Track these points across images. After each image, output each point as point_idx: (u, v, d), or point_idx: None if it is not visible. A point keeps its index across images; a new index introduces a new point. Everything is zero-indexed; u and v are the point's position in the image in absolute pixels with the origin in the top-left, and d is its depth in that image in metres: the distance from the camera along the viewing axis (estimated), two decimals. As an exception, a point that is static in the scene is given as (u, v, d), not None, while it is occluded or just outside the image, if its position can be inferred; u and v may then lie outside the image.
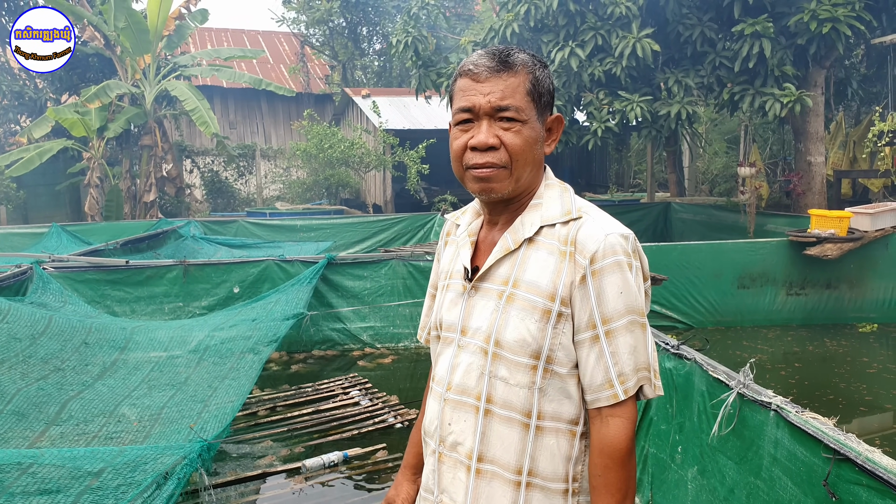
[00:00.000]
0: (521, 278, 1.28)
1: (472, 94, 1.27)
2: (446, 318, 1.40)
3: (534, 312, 1.26)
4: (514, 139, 1.26)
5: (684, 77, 9.30)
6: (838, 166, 11.75)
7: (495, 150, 1.26)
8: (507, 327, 1.27)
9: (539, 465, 1.27)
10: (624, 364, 1.24)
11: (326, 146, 14.30)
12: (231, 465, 4.09)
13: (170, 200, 14.64)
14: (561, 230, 1.29)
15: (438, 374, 1.40)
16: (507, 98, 1.25)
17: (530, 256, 1.30)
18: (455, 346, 1.36)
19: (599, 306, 1.23)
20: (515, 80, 1.27)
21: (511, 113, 1.26)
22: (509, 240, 1.32)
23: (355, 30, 20.35)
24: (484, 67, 1.27)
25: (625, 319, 1.24)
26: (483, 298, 1.33)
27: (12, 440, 3.00)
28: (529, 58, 1.30)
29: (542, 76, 1.30)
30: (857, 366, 6.19)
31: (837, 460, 2.08)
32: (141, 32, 12.80)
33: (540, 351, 1.25)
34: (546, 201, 1.34)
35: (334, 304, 6.59)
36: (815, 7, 8.33)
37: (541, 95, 1.30)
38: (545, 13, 9.45)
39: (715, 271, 7.37)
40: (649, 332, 1.29)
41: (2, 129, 15.33)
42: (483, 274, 1.34)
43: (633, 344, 1.25)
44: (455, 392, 1.33)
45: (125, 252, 7.89)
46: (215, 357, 4.46)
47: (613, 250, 1.24)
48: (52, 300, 5.13)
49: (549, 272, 1.26)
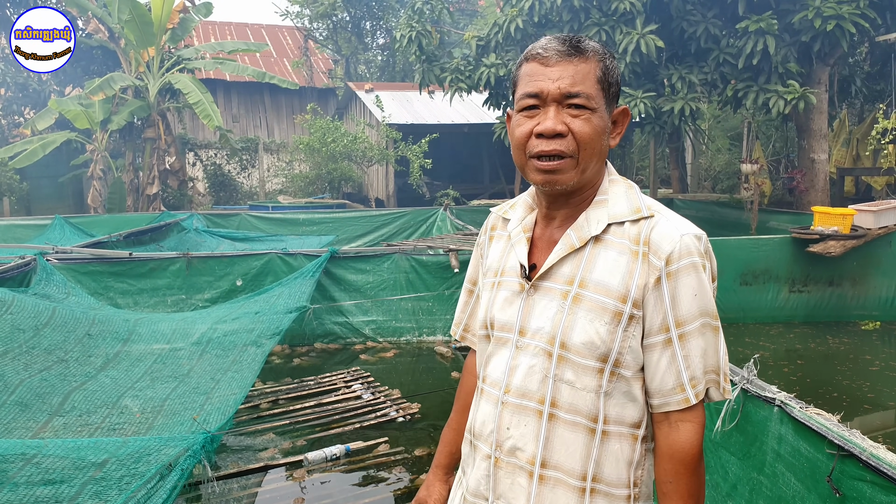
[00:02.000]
0: (589, 278, 1.23)
1: (540, 79, 1.21)
2: (500, 317, 1.33)
3: (604, 314, 1.21)
4: (584, 127, 1.21)
5: (688, 73, 9.27)
6: (841, 164, 11.72)
7: (563, 137, 1.21)
8: (574, 329, 1.22)
9: (604, 470, 1.24)
10: (695, 368, 1.21)
11: (329, 140, 14.29)
12: (233, 457, 4.10)
13: (172, 193, 14.64)
14: (631, 229, 1.24)
15: (493, 376, 1.33)
16: (578, 84, 1.20)
17: (598, 255, 1.24)
18: (512, 347, 1.30)
19: (674, 309, 1.20)
20: (586, 67, 1.22)
21: (581, 100, 1.20)
22: (573, 237, 1.26)
23: (359, 24, 20.31)
24: (554, 51, 1.22)
25: (698, 322, 1.20)
26: (544, 298, 1.27)
27: (16, 430, 3.01)
28: (600, 46, 1.26)
29: (612, 65, 1.26)
30: (860, 363, 6.18)
31: (841, 456, 2.08)
32: (145, 25, 12.78)
33: (608, 354, 1.21)
34: (612, 197, 1.28)
35: (337, 298, 6.59)
36: (819, 4, 8.29)
37: (610, 85, 1.25)
38: (549, 8, 9.42)
39: (718, 268, 7.31)
40: (721, 335, 1.25)
41: (6, 120, 15.33)
42: (544, 272, 1.28)
43: (705, 347, 1.21)
44: (515, 395, 1.27)
45: (128, 244, 7.90)
46: (218, 349, 4.46)
47: (689, 251, 1.20)
48: (56, 291, 5.14)
49: (621, 273, 1.21)
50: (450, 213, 10.88)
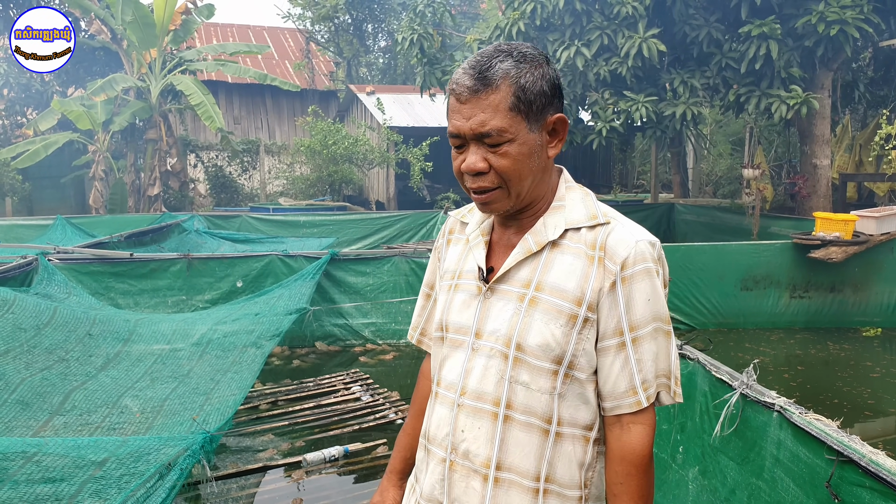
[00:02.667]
0: (545, 281, 1.25)
1: (457, 119, 1.21)
2: (456, 320, 1.34)
3: (559, 317, 1.22)
4: (501, 161, 1.21)
5: (690, 78, 9.28)
6: (844, 169, 11.72)
7: (485, 173, 1.22)
8: (530, 331, 1.23)
9: (557, 471, 1.25)
10: (647, 371, 1.23)
11: (330, 142, 14.31)
12: (232, 457, 4.10)
13: (174, 194, 14.66)
14: (588, 234, 1.26)
15: (448, 379, 1.34)
16: (487, 123, 1.18)
17: (555, 259, 1.26)
18: (468, 350, 1.31)
19: (628, 313, 1.22)
20: (496, 98, 1.18)
21: (493, 138, 1.19)
22: (531, 241, 1.28)
23: (360, 27, 20.35)
24: (464, 88, 1.20)
25: (650, 327, 1.23)
26: (501, 300, 1.28)
27: (16, 429, 3.02)
28: (513, 65, 1.19)
29: (529, 82, 1.20)
30: (861, 370, 6.17)
31: (841, 462, 2.07)
32: (147, 27, 12.82)
33: (563, 356, 1.23)
34: (569, 204, 1.31)
35: (336, 300, 6.60)
36: (822, 9, 8.30)
37: (530, 104, 1.21)
38: (551, 12, 9.43)
39: (718, 273, 7.36)
40: (673, 340, 1.28)
41: (8, 121, 15.37)
42: (502, 275, 1.29)
43: (657, 351, 1.24)
44: (471, 398, 1.28)
45: (129, 245, 7.91)
46: (218, 350, 4.47)
47: (643, 257, 1.22)
48: (57, 291, 5.15)
49: (577, 277, 1.23)
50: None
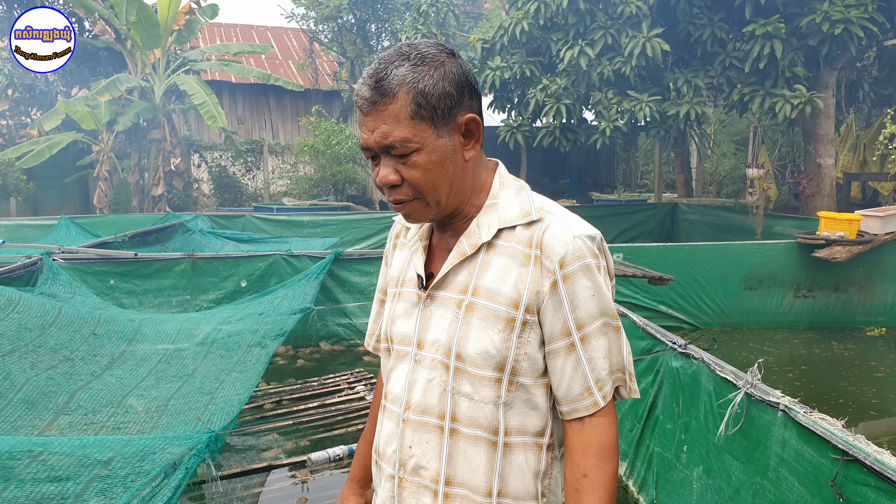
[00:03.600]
0: (481, 285, 1.19)
1: (364, 132, 1.16)
2: (399, 330, 1.28)
3: (496, 322, 1.17)
4: (411, 172, 1.15)
5: (694, 77, 9.26)
6: (848, 169, 11.69)
7: (398, 185, 1.16)
8: (468, 339, 1.18)
9: (509, 484, 1.20)
10: (600, 369, 1.18)
11: (334, 142, 14.32)
12: (236, 457, 4.12)
13: (177, 194, 14.69)
14: (523, 232, 1.19)
15: (393, 392, 1.28)
16: (389, 135, 1.13)
17: (490, 262, 1.20)
18: (411, 361, 1.25)
19: (573, 312, 1.16)
20: (395, 107, 1.12)
21: (397, 149, 1.13)
22: (465, 244, 1.22)
23: (364, 27, 20.36)
24: (363, 100, 1.14)
25: (598, 322, 1.17)
26: (440, 308, 1.22)
27: (22, 428, 3.03)
28: (410, 69, 1.12)
29: (429, 85, 1.13)
30: (865, 370, 6.16)
31: (846, 461, 2.07)
32: (151, 27, 12.85)
33: (504, 363, 1.17)
34: (502, 201, 1.23)
35: (341, 300, 6.61)
36: (827, 8, 8.28)
37: (433, 108, 1.13)
38: (555, 11, 9.43)
39: (722, 272, 7.35)
40: (623, 334, 1.22)
41: (13, 121, 15.42)
42: (439, 281, 1.23)
43: (608, 347, 1.19)
44: (415, 412, 1.23)
45: (133, 245, 7.93)
46: (222, 350, 4.48)
47: (581, 253, 1.16)
48: (62, 291, 5.16)
49: (513, 278, 1.17)
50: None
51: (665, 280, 6.32)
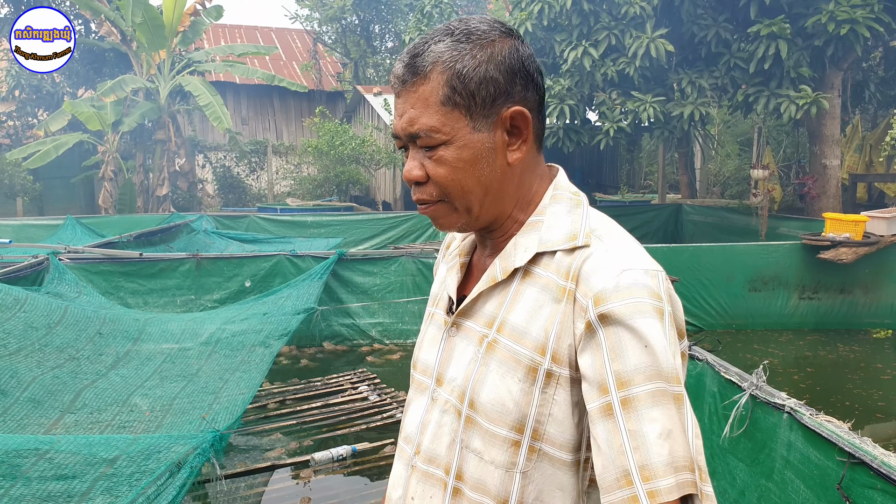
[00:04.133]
0: (508, 321, 0.97)
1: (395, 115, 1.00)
2: (423, 358, 1.11)
3: (517, 369, 0.93)
4: (437, 169, 0.96)
5: (698, 78, 9.24)
6: (854, 170, 11.65)
7: (423, 183, 0.99)
8: (483, 385, 0.96)
9: None
10: (650, 452, 0.82)
11: (337, 143, 14.34)
12: (240, 456, 4.12)
13: (182, 195, 14.74)
14: (563, 260, 0.95)
15: (406, 430, 1.11)
16: (417, 120, 0.95)
17: (523, 293, 0.97)
18: (428, 398, 1.07)
19: (614, 361, 0.86)
20: (426, 89, 0.95)
21: (423, 140, 0.96)
22: (498, 268, 1.00)
23: (368, 28, 20.38)
24: (395, 78, 0.98)
25: (650, 386, 0.84)
26: (464, 340, 1.02)
27: (28, 427, 3.04)
28: (450, 46, 0.95)
29: (469, 67, 0.94)
30: (871, 372, 6.14)
31: (852, 464, 2.06)
32: (157, 28, 12.89)
33: (524, 421, 0.92)
34: (549, 219, 1.00)
35: (344, 300, 6.62)
36: (833, 8, 8.25)
37: (472, 95, 0.94)
38: (559, 12, 9.42)
39: (726, 274, 7.33)
40: (688, 411, 0.86)
41: (20, 122, 15.49)
42: (466, 308, 1.03)
43: (665, 423, 0.82)
44: (423, 459, 1.03)
45: (138, 245, 7.96)
46: (226, 350, 4.49)
47: (632, 290, 0.88)
48: (68, 291, 5.18)
49: (542, 317, 0.93)
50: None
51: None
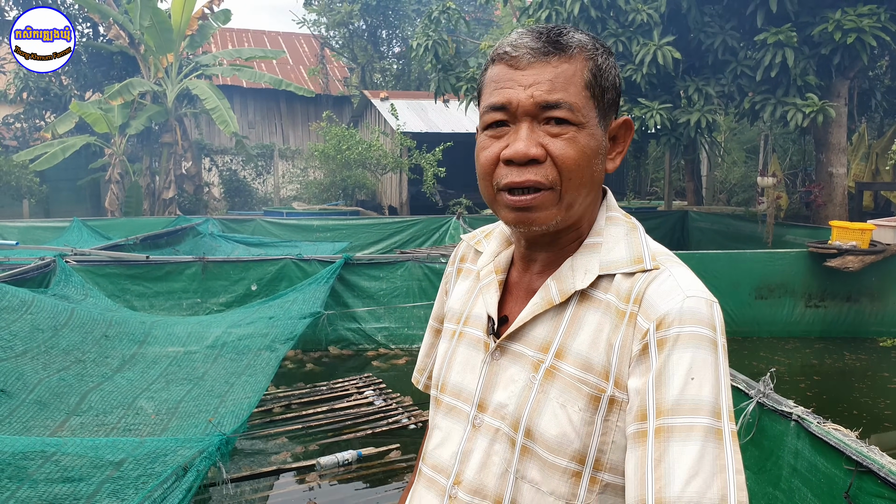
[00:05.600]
0: (569, 347, 0.93)
1: (509, 87, 0.92)
2: (456, 381, 1.04)
3: (578, 397, 0.90)
4: (566, 149, 0.90)
5: (705, 85, 9.25)
6: (860, 178, 11.62)
7: (539, 163, 0.90)
8: (542, 414, 0.91)
9: None
10: (671, 487, 0.79)
11: (344, 147, 14.38)
12: (245, 460, 4.12)
13: (188, 198, 14.80)
14: (623, 283, 0.93)
15: (438, 458, 1.03)
16: (558, 91, 0.90)
17: (584, 318, 0.93)
18: (468, 425, 1.00)
19: (657, 389, 0.84)
20: (570, 68, 0.91)
21: (563, 112, 0.90)
22: (553, 290, 0.96)
23: (375, 33, 20.46)
24: (526, 49, 0.92)
25: (690, 419, 0.81)
26: (513, 365, 0.97)
27: (34, 429, 3.05)
28: (590, 39, 0.95)
29: (606, 64, 0.95)
30: (878, 380, 6.10)
31: (860, 472, 2.05)
32: (165, 31, 12.97)
33: (585, 452, 0.89)
34: (608, 241, 0.97)
35: (350, 304, 6.62)
36: (839, 17, 8.25)
37: (604, 91, 0.94)
38: (566, 19, 9.44)
39: (733, 281, 7.31)
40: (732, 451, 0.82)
41: (27, 124, 15.59)
42: (515, 331, 0.97)
43: (697, 459, 0.79)
44: (467, 490, 0.96)
45: (144, 248, 7.99)
46: (232, 353, 4.50)
47: (694, 318, 0.85)
48: (74, 293, 5.20)
49: (604, 341, 0.91)
50: (462, 222, 10.90)
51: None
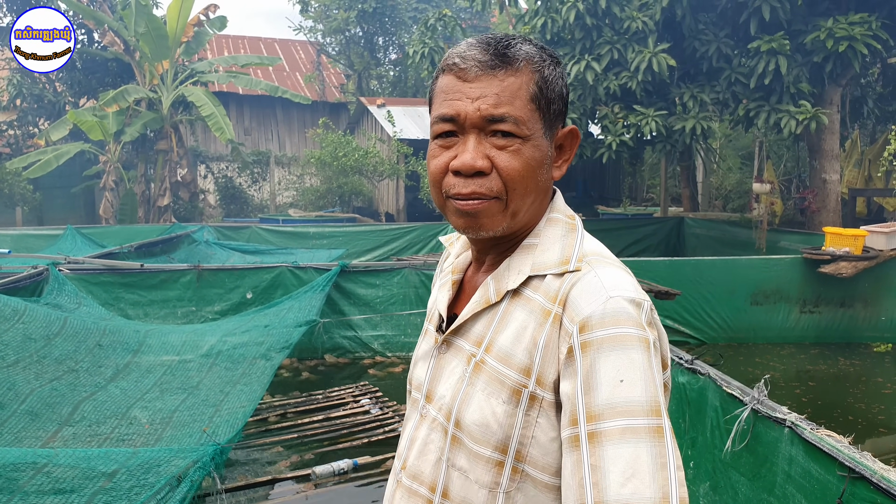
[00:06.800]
0: (496, 342, 0.96)
1: (457, 99, 0.94)
2: (417, 374, 1.11)
3: (501, 390, 0.93)
4: (511, 162, 0.93)
5: (699, 92, 9.29)
6: (853, 184, 11.68)
7: (485, 175, 0.94)
8: (469, 404, 0.96)
9: None
10: (608, 490, 0.79)
11: (340, 154, 14.38)
12: (241, 470, 4.10)
13: (183, 205, 14.77)
14: (553, 283, 0.95)
15: (399, 446, 1.11)
16: (504, 105, 0.93)
17: (512, 315, 0.97)
18: (418, 414, 1.07)
19: (586, 394, 0.84)
20: (516, 81, 0.94)
21: (508, 126, 0.93)
22: (492, 289, 1.00)
23: (371, 39, 20.51)
24: (474, 62, 0.94)
25: (621, 421, 0.81)
26: (455, 359, 1.02)
27: (26, 440, 3.03)
28: (537, 51, 0.97)
29: (552, 76, 0.97)
30: (872, 386, 6.12)
31: (853, 478, 2.06)
32: (160, 38, 12.97)
33: (507, 442, 0.92)
34: (543, 242, 1.00)
35: (346, 312, 6.60)
36: (831, 25, 8.32)
37: (550, 102, 0.97)
38: (562, 26, 9.49)
39: (728, 287, 7.33)
40: (671, 447, 0.81)
41: (21, 131, 15.54)
42: (459, 327, 1.03)
43: (631, 463, 0.79)
44: (408, 476, 1.03)
45: (139, 255, 7.96)
46: (227, 362, 4.48)
47: (616, 318, 0.86)
48: (67, 301, 5.18)
49: (527, 339, 0.93)
50: (459, 229, 10.89)
51: (671, 295, 6.31)
